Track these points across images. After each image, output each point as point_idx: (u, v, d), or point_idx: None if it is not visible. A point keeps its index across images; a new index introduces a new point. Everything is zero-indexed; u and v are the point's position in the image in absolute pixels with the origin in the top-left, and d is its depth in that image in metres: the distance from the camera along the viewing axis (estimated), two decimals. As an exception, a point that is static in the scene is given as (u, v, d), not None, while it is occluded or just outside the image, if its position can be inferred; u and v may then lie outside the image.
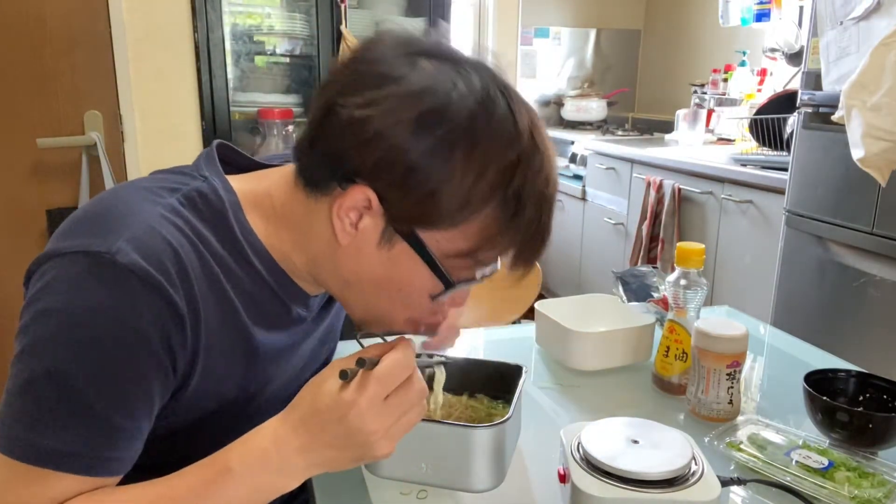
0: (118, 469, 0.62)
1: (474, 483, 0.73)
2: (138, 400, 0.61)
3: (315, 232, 0.68)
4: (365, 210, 0.63)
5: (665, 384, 1.00)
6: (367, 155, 0.61)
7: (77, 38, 1.99)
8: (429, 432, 0.73)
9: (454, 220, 0.62)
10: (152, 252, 0.60)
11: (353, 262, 0.67)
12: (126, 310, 0.58)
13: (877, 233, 1.75)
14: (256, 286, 0.70)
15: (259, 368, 0.74)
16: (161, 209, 0.64)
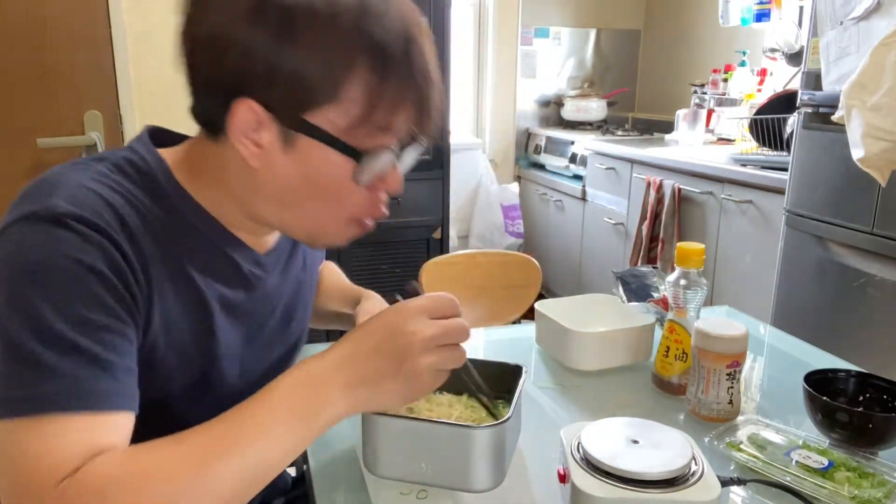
0: (119, 403, 0.60)
1: (474, 483, 0.73)
2: (110, 331, 0.60)
3: (231, 172, 0.70)
4: (258, 124, 0.65)
5: (665, 384, 1.00)
6: (227, 68, 0.63)
7: (77, 38, 1.99)
8: (429, 432, 0.73)
9: (331, 91, 0.63)
10: (87, 204, 0.63)
11: (272, 179, 0.68)
12: (73, 249, 0.60)
13: (877, 233, 1.75)
14: (196, 240, 0.72)
15: (215, 324, 0.74)
16: (91, 173, 0.67)
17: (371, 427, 0.75)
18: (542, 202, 3.72)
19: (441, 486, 0.75)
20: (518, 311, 1.90)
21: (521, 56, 3.85)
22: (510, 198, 3.64)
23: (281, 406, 0.60)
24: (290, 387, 0.61)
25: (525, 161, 3.93)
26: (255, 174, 0.68)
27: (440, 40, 2.29)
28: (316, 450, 0.85)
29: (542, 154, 3.72)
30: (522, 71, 3.88)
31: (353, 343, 0.64)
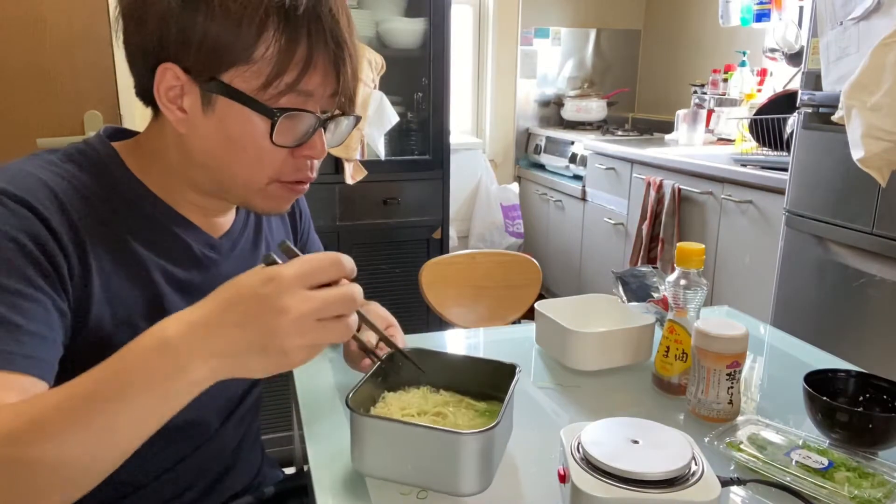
0: (21, 365, 0.59)
1: (460, 487, 0.73)
2: (28, 299, 0.61)
3: (167, 142, 0.74)
4: (181, 90, 0.69)
5: (665, 384, 1.00)
6: (148, 35, 0.68)
7: (77, 38, 2.00)
8: (416, 436, 0.73)
9: (243, 52, 0.67)
10: (23, 184, 0.66)
11: (198, 142, 0.72)
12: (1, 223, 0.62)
13: (877, 233, 1.75)
14: (142, 219, 0.75)
15: (166, 302, 0.75)
16: (39, 162, 0.70)
17: (358, 427, 0.75)
18: (542, 202, 3.72)
19: (427, 488, 0.75)
20: (518, 311, 1.90)
21: (521, 56, 3.85)
22: (510, 198, 3.64)
23: (135, 371, 0.54)
24: (145, 351, 0.55)
25: (525, 161, 3.93)
26: (184, 140, 0.72)
27: (440, 40, 2.29)
28: (315, 449, 0.85)
29: (542, 154, 3.72)
30: (522, 71, 3.88)
31: (218, 310, 0.55)
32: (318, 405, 0.96)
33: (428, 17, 2.29)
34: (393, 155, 2.43)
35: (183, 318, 0.56)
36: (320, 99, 0.72)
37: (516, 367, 0.84)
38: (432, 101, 2.34)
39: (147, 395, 0.54)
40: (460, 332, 1.34)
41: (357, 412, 0.75)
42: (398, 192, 2.34)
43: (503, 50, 3.81)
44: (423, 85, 2.37)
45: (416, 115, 2.49)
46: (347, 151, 2.20)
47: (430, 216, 2.41)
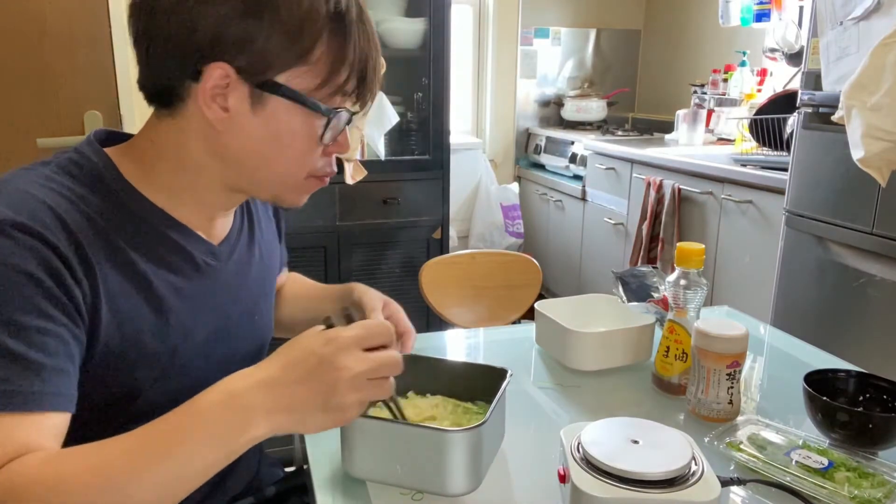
0: (48, 403, 0.60)
1: (448, 487, 0.73)
2: (48, 335, 0.61)
3: (192, 144, 0.73)
4: (226, 88, 0.68)
5: (665, 384, 1.00)
6: (203, 35, 0.66)
7: (77, 38, 2.00)
8: (403, 434, 0.73)
9: (301, 54, 0.68)
10: (25, 208, 0.63)
11: (239, 140, 0.71)
12: (7, 254, 0.61)
13: (877, 233, 1.75)
14: (144, 231, 0.73)
15: (172, 316, 0.75)
16: (34, 177, 0.68)
17: (347, 428, 0.75)
18: (542, 202, 3.72)
19: (415, 488, 0.75)
20: (518, 311, 1.90)
21: (521, 56, 3.85)
22: (510, 198, 3.64)
23: (201, 425, 0.58)
24: (212, 405, 0.59)
25: (525, 161, 3.93)
26: (220, 137, 0.71)
27: (440, 40, 2.29)
28: (315, 449, 0.85)
29: (542, 154, 3.72)
30: (522, 71, 3.88)
31: (281, 368, 0.61)
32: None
33: (428, 17, 2.29)
34: (393, 155, 2.43)
35: (249, 376, 0.60)
36: (352, 96, 0.74)
37: (507, 371, 0.84)
38: (432, 101, 2.34)
39: (210, 448, 0.58)
40: (460, 332, 1.34)
41: None
42: (398, 192, 2.34)
43: (503, 50, 3.81)
44: (423, 85, 2.37)
45: (416, 115, 2.49)
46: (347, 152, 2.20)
47: (430, 216, 2.41)
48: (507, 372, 0.84)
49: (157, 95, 0.72)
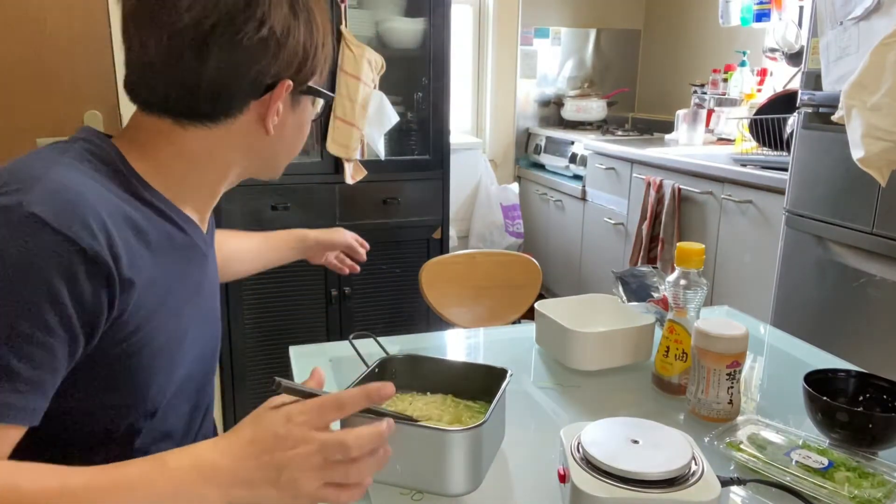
0: (23, 419, 0.60)
1: (448, 487, 0.73)
2: (39, 347, 0.61)
3: (229, 149, 0.78)
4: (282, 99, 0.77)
5: (665, 384, 1.00)
6: (282, 57, 0.75)
7: (77, 38, 1.99)
8: (402, 434, 0.73)
9: (324, 58, 0.82)
10: (65, 208, 0.63)
11: (280, 136, 0.81)
12: (35, 255, 0.60)
13: (877, 233, 1.75)
14: (162, 222, 0.75)
15: (189, 307, 0.79)
16: (61, 165, 0.68)
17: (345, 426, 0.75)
18: (542, 202, 3.72)
19: (415, 488, 0.75)
20: (518, 311, 1.90)
21: (521, 56, 3.85)
22: (510, 198, 3.64)
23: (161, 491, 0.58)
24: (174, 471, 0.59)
25: (525, 161, 3.93)
26: (264, 139, 0.79)
27: (440, 40, 2.29)
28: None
29: (542, 154, 3.72)
30: (522, 71, 3.88)
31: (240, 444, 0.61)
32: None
33: (428, 17, 2.29)
34: (393, 155, 2.43)
35: (211, 447, 0.61)
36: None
37: (507, 371, 0.84)
38: (432, 101, 2.34)
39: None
40: (460, 332, 1.34)
41: None
42: (398, 192, 2.34)
43: (503, 50, 3.81)
44: (423, 85, 2.37)
45: (416, 115, 2.49)
46: (347, 151, 2.20)
47: (430, 216, 2.41)
48: (507, 372, 0.84)
49: (206, 110, 0.75)
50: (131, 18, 0.73)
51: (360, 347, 0.94)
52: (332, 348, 1.18)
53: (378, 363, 0.88)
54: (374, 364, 0.88)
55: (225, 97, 0.74)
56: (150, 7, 0.71)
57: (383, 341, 0.96)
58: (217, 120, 0.75)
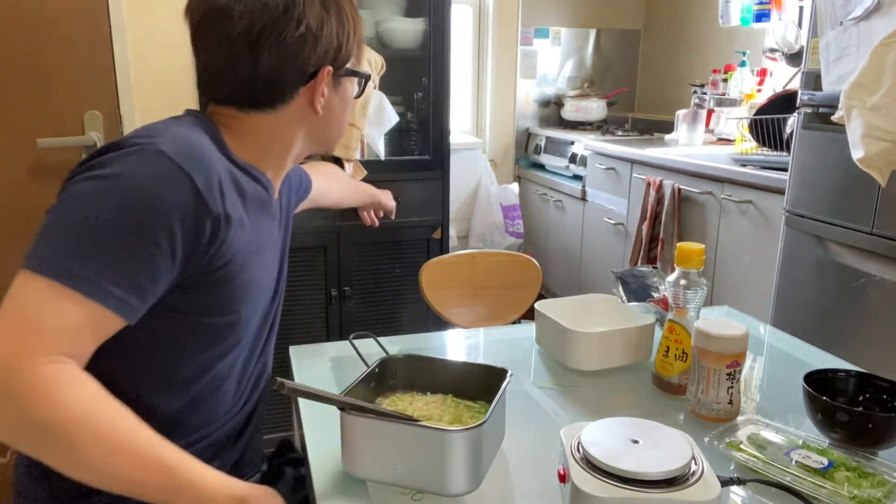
0: (120, 308, 0.72)
1: (448, 487, 0.73)
2: (145, 258, 0.73)
3: (288, 132, 0.93)
4: (324, 82, 0.91)
5: (665, 384, 1.00)
6: (319, 48, 0.89)
7: (77, 38, 1.99)
8: (403, 434, 0.73)
9: (357, 44, 0.95)
10: (185, 147, 0.79)
11: (328, 115, 0.94)
12: (157, 184, 0.75)
13: (877, 233, 1.75)
14: (249, 180, 0.89)
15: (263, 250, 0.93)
16: (182, 126, 0.84)
17: (347, 427, 0.75)
18: (542, 202, 3.72)
19: (416, 488, 0.75)
20: (518, 311, 1.90)
21: (521, 56, 3.85)
22: (510, 198, 3.64)
23: (178, 480, 0.69)
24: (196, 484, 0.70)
25: (525, 161, 3.93)
26: (315, 118, 0.93)
27: (440, 40, 2.29)
28: (315, 448, 0.85)
29: (542, 154, 3.72)
30: (522, 71, 3.88)
31: (250, 488, 0.73)
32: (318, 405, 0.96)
33: (428, 17, 2.28)
34: (393, 155, 2.43)
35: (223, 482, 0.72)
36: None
37: (507, 371, 0.84)
38: (432, 101, 2.34)
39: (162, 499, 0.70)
40: (460, 332, 1.34)
41: (345, 411, 0.75)
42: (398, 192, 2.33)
43: (503, 50, 3.81)
44: (423, 85, 2.37)
45: (416, 115, 2.49)
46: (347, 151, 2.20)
47: (430, 216, 2.40)
48: (508, 372, 0.84)
49: (265, 101, 0.89)
50: (198, 30, 0.88)
51: (361, 347, 0.94)
52: (333, 348, 1.18)
53: (378, 363, 0.88)
54: (374, 364, 0.88)
55: (278, 87, 0.89)
56: (211, 20, 0.86)
57: (383, 341, 0.96)
58: (274, 106, 0.90)
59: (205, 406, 0.90)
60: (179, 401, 0.87)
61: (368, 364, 0.89)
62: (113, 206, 0.72)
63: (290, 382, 0.70)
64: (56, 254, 0.70)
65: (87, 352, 0.72)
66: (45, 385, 0.65)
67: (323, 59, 0.89)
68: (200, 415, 0.90)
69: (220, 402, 0.93)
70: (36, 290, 0.68)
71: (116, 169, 0.75)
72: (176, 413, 0.87)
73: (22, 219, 2.00)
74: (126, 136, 0.80)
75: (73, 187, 0.75)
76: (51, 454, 0.67)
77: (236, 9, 0.84)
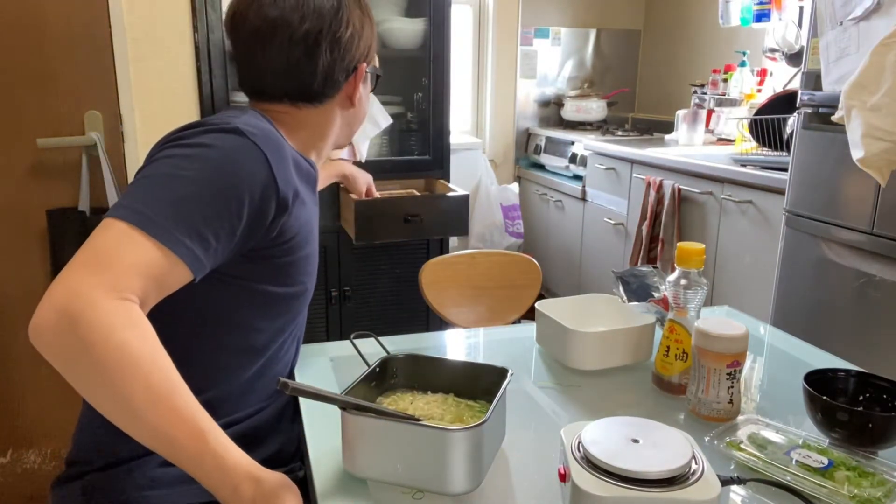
0: (188, 258, 0.76)
1: (449, 486, 0.73)
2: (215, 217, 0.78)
3: (331, 120, 1.04)
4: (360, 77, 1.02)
5: (665, 384, 1.00)
6: (362, 45, 1.01)
7: (77, 38, 1.99)
8: (403, 433, 0.73)
9: (375, 46, 1.06)
10: (259, 129, 0.87)
11: (359, 106, 1.06)
12: (234, 156, 0.82)
13: (876, 233, 1.75)
14: (302, 162, 0.97)
15: (314, 238, 1.02)
16: (247, 115, 0.92)
17: (348, 426, 0.76)
18: (542, 202, 3.72)
19: (416, 487, 0.75)
20: (518, 311, 1.90)
21: (521, 56, 3.85)
22: (510, 198, 3.64)
23: (207, 446, 0.70)
24: (215, 459, 0.70)
25: (525, 161, 3.93)
26: (352, 112, 1.06)
27: (440, 40, 2.29)
28: (316, 448, 0.85)
29: (542, 154, 3.72)
30: (522, 71, 3.88)
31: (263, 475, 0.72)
32: (318, 405, 0.96)
33: (428, 17, 2.28)
34: (393, 155, 2.43)
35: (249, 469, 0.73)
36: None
37: (508, 371, 0.84)
38: (432, 101, 2.34)
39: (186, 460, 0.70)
40: (460, 332, 1.34)
41: (346, 410, 0.75)
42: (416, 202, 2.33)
43: (503, 50, 3.81)
44: (423, 85, 2.37)
45: (416, 115, 2.48)
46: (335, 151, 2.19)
47: (430, 216, 2.40)
48: (508, 371, 0.84)
49: (317, 95, 0.99)
50: (254, 38, 0.95)
51: (361, 347, 0.94)
52: (333, 348, 1.18)
53: (379, 362, 0.88)
54: (375, 363, 0.88)
55: (329, 83, 0.99)
56: (270, 29, 0.94)
57: (383, 341, 0.96)
58: (322, 101, 1.00)
59: (271, 374, 0.98)
60: (251, 368, 0.95)
61: (369, 363, 0.89)
62: (195, 167, 0.79)
63: (292, 382, 0.70)
64: (135, 202, 0.75)
65: (153, 297, 0.75)
66: (112, 320, 0.68)
67: (362, 55, 1.01)
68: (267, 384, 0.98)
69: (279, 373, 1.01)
70: (113, 231, 0.73)
71: (200, 140, 0.83)
72: (248, 381, 0.95)
73: (22, 219, 2.00)
74: (205, 119, 0.89)
75: (158, 155, 0.82)
76: (97, 389, 0.69)
77: (294, 17, 0.94)
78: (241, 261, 0.86)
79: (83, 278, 0.69)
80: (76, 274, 0.69)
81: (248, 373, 0.94)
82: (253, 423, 0.96)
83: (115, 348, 0.67)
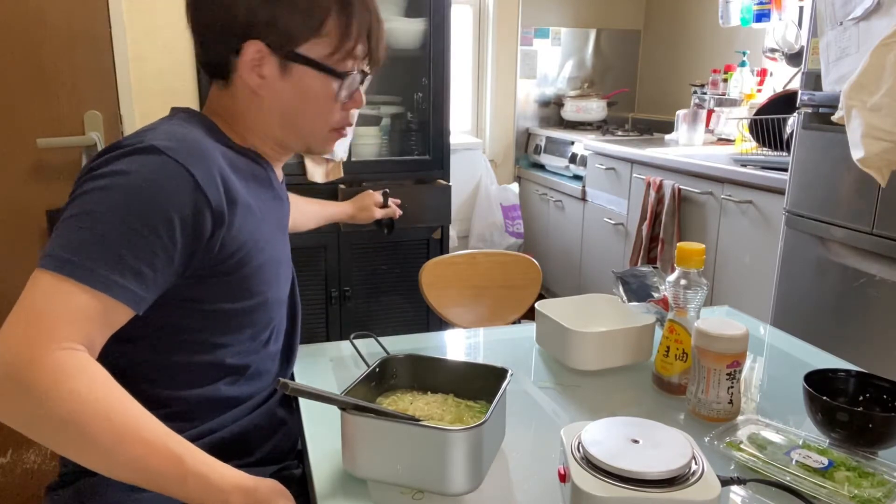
0: (124, 296, 0.73)
1: (449, 486, 0.73)
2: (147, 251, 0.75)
3: (242, 103, 0.92)
4: (260, 60, 0.87)
5: (665, 384, 1.00)
6: (239, 20, 0.86)
7: (77, 38, 1.99)
8: (403, 433, 0.73)
9: (315, 29, 0.87)
10: (177, 141, 0.80)
11: (275, 102, 0.91)
12: (152, 178, 0.77)
13: (877, 233, 1.75)
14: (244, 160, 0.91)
15: (272, 231, 0.93)
16: (169, 124, 0.86)
17: (348, 426, 0.75)
18: (542, 202, 3.72)
19: (416, 488, 0.75)
20: (518, 311, 1.90)
21: (521, 56, 3.85)
22: (510, 198, 3.64)
23: (186, 468, 0.70)
24: (203, 473, 0.70)
25: (525, 161, 3.93)
26: (261, 100, 0.90)
27: (440, 40, 2.29)
28: (316, 448, 0.85)
29: (542, 154, 3.72)
30: (522, 71, 3.88)
31: (254, 484, 0.73)
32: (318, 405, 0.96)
33: (428, 17, 2.28)
34: (393, 155, 2.43)
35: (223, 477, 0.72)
36: (360, 59, 0.92)
37: (507, 371, 0.84)
38: (432, 101, 2.34)
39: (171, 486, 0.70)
40: (460, 333, 1.34)
41: (346, 410, 0.75)
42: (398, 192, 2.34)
43: (503, 50, 3.81)
44: (423, 85, 2.37)
45: (416, 115, 2.48)
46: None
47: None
48: (508, 371, 0.84)
49: (214, 71, 0.91)
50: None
51: (361, 347, 0.94)
52: (333, 348, 1.18)
53: (379, 363, 0.88)
54: (374, 363, 0.88)
55: (213, 51, 0.90)
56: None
57: (383, 341, 0.96)
58: (225, 78, 0.91)
59: (255, 372, 0.95)
60: (228, 377, 0.91)
61: (369, 364, 0.89)
62: (112, 200, 0.75)
63: (291, 382, 0.70)
64: (60, 248, 0.72)
65: (97, 341, 0.74)
66: (57, 373, 0.67)
67: (247, 31, 0.86)
68: (253, 383, 0.95)
69: (265, 368, 0.98)
70: (42, 285, 0.71)
71: (116, 167, 0.77)
72: (229, 386, 0.92)
73: (22, 219, 2.00)
74: (122, 139, 0.82)
75: (77, 191, 0.78)
76: (63, 443, 0.69)
77: None
78: (191, 283, 0.82)
79: (20, 339, 0.68)
80: (13, 336, 0.68)
81: (226, 380, 0.92)
82: (245, 423, 0.94)
83: (66, 400, 0.66)
